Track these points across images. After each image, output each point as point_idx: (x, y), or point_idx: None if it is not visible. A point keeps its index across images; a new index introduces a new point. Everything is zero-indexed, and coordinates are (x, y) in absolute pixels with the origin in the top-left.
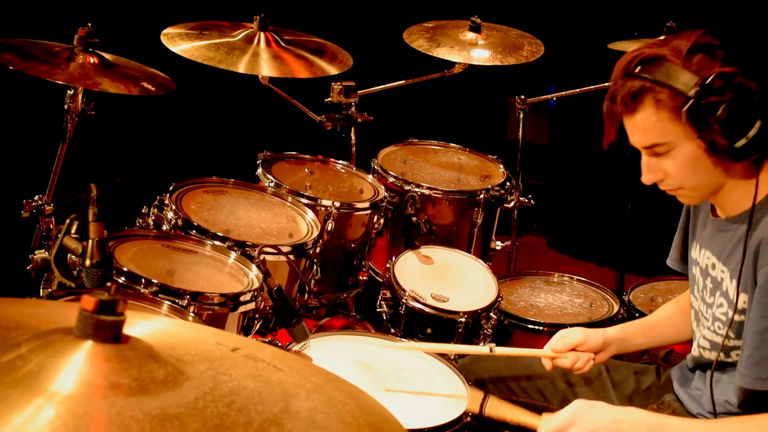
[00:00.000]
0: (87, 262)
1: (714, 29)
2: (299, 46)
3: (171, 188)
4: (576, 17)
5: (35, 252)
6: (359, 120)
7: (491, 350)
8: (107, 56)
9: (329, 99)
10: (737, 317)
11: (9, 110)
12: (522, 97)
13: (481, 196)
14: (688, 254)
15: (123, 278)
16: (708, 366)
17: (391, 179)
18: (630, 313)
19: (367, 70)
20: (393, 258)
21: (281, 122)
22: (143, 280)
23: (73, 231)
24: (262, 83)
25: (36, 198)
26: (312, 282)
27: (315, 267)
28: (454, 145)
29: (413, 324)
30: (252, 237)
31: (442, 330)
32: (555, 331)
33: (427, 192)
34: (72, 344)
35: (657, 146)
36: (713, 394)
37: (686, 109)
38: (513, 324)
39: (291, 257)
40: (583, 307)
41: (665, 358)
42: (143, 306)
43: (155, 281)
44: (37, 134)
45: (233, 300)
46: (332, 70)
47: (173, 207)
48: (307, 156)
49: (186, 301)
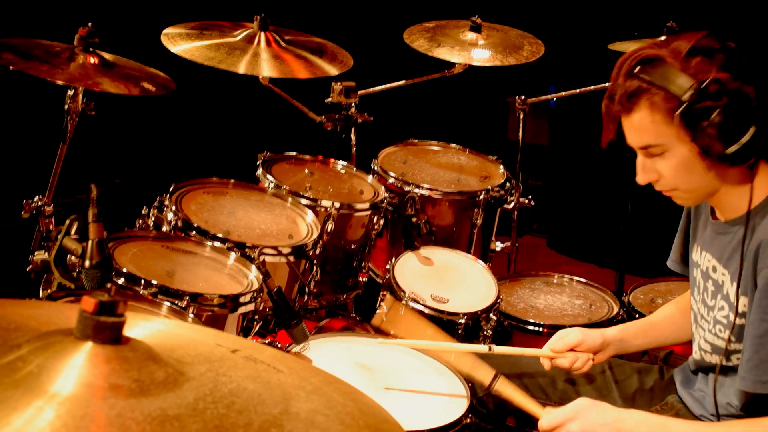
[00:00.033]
0: (87, 263)
1: (716, 32)
2: (299, 47)
3: (171, 189)
4: (576, 17)
5: (35, 253)
6: (359, 120)
7: (490, 349)
8: (107, 56)
9: (329, 99)
10: (738, 320)
11: (9, 110)
12: (522, 98)
13: (481, 197)
14: (689, 256)
15: (122, 279)
16: (709, 368)
17: (391, 180)
18: (630, 315)
19: (368, 71)
20: (393, 259)
21: (281, 123)
22: (143, 281)
23: (73, 232)
24: (263, 83)
25: (36, 199)
26: (312, 283)
27: (315, 268)
28: (454, 146)
29: None
30: (252, 238)
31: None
32: (554, 333)
33: (427, 193)
34: (72, 345)
35: (651, 147)
36: (716, 397)
37: (679, 113)
38: (513, 325)
39: (291, 259)
40: (583, 309)
41: (665, 359)
42: (143, 307)
43: (155, 282)
44: (38, 135)
45: (233, 301)
46: (332, 71)
47: (173, 208)
48: (307, 156)
49: (185, 303)
